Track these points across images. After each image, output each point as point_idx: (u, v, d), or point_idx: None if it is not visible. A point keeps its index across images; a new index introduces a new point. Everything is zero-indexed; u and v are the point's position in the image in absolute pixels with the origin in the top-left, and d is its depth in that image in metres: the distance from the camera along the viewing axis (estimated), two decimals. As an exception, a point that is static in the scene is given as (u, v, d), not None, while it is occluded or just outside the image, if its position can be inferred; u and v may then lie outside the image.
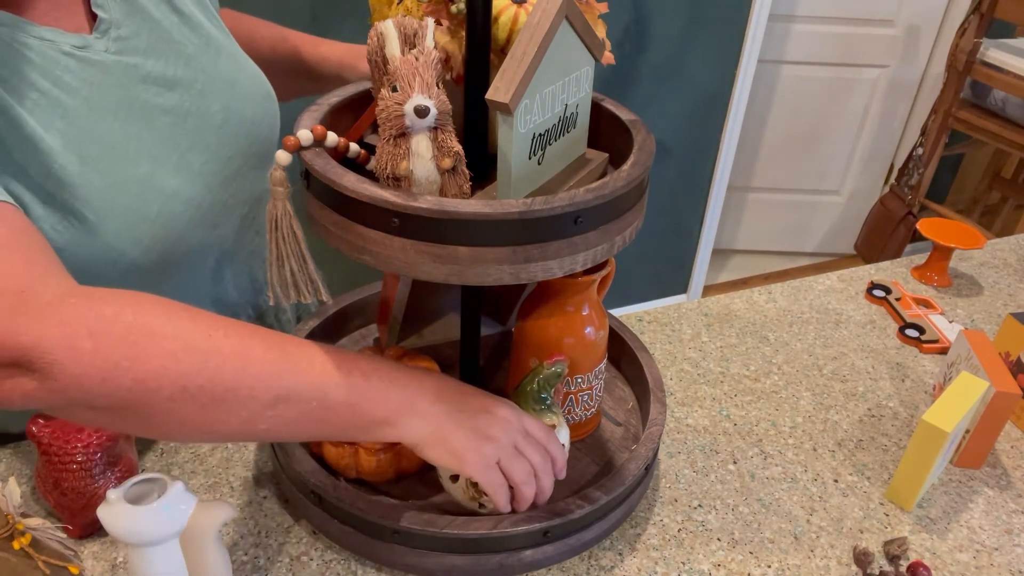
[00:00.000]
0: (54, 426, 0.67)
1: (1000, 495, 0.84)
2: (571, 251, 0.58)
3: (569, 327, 0.74)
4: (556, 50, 0.58)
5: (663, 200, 2.48)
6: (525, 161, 0.60)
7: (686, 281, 2.74)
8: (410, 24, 0.58)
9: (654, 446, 0.75)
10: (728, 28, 2.27)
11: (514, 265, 0.57)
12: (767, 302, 1.14)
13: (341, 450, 0.72)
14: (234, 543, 0.72)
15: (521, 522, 0.66)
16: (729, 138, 2.45)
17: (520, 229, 0.56)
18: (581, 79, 0.64)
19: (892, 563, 0.75)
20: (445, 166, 0.58)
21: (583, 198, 0.56)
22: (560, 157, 0.66)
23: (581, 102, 0.65)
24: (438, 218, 0.55)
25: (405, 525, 0.66)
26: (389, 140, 0.57)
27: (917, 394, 0.98)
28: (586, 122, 0.68)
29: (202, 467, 0.80)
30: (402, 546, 0.67)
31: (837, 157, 2.88)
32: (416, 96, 0.55)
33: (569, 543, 0.70)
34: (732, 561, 0.74)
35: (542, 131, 0.61)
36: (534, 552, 0.68)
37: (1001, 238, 1.35)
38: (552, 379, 0.69)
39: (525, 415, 0.67)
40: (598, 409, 0.82)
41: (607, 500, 0.69)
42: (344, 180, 0.57)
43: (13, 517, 0.60)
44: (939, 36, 2.67)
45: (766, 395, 0.96)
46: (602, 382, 0.80)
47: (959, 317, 1.13)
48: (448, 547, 0.67)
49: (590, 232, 0.59)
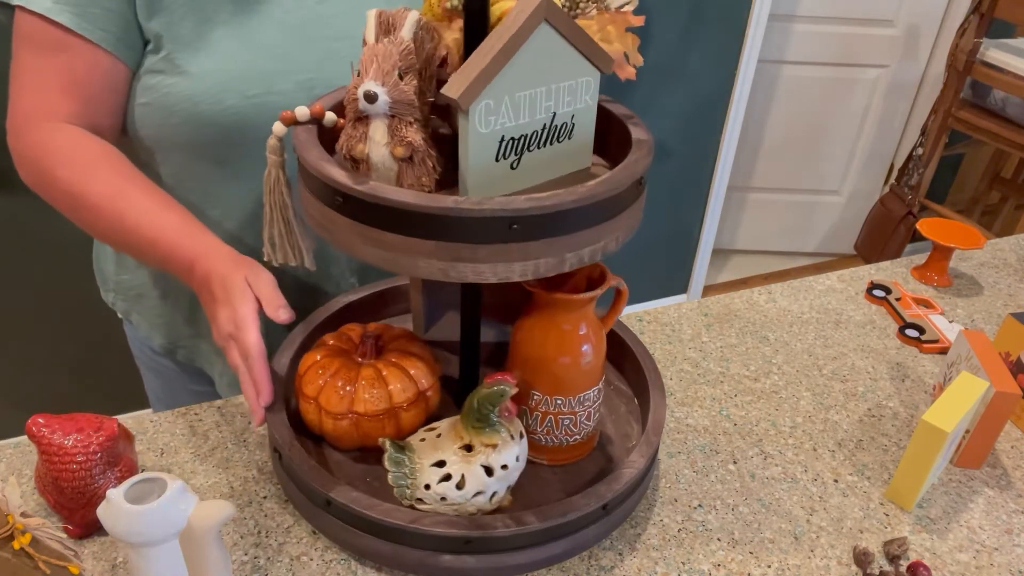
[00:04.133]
0: (54, 426, 0.67)
1: (1000, 495, 0.84)
2: (505, 258, 0.57)
3: (560, 346, 0.72)
4: (534, 54, 0.57)
5: (663, 200, 2.48)
6: (490, 163, 0.59)
7: (686, 281, 2.74)
8: (393, 14, 0.60)
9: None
10: (728, 28, 2.27)
11: (443, 261, 0.57)
12: (767, 302, 1.14)
13: (308, 405, 0.73)
14: (234, 543, 0.72)
15: (440, 524, 0.66)
16: (729, 138, 2.45)
17: (448, 226, 0.56)
18: (578, 89, 0.62)
19: (892, 563, 0.75)
20: (398, 154, 0.58)
21: (518, 204, 0.55)
22: (549, 167, 0.64)
23: (579, 113, 0.63)
24: (371, 202, 0.57)
25: (335, 497, 0.67)
26: (350, 122, 0.59)
27: (917, 394, 0.98)
28: (588, 135, 0.66)
29: (202, 467, 0.80)
30: (336, 519, 0.69)
31: (837, 157, 2.88)
32: (368, 82, 0.56)
33: (494, 560, 0.68)
34: (732, 561, 0.74)
35: (516, 135, 0.59)
36: (453, 559, 0.67)
37: (1001, 238, 1.35)
38: (492, 398, 0.67)
39: (247, 327, 0.68)
40: (591, 434, 0.78)
41: (537, 527, 0.66)
42: (308, 155, 0.60)
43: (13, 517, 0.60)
44: (939, 36, 2.67)
45: (766, 395, 0.96)
46: (596, 408, 0.77)
47: (959, 317, 1.13)
48: (370, 529, 0.67)
49: (530, 242, 0.57)
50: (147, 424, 0.85)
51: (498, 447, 0.68)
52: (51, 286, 1.80)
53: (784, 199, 2.96)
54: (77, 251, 1.77)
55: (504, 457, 0.68)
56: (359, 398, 0.71)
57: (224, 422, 0.85)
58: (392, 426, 0.72)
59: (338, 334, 0.78)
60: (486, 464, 0.67)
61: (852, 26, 2.61)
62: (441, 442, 0.70)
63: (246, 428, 0.85)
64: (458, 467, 0.68)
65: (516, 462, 0.69)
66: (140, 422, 0.85)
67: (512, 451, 0.68)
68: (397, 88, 0.57)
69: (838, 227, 3.04)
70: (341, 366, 0.73)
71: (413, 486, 0.69)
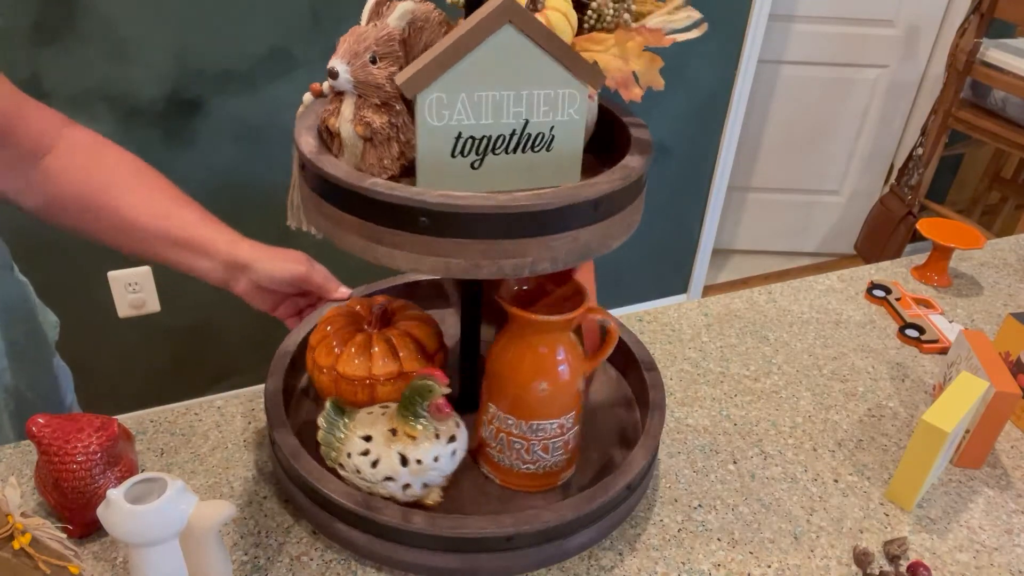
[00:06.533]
0: (54, 426, 0.67)
1: (1000, 495, 0.84)
2: (416, 250, 0.57)
3: (515, 364, 0.69)
4: (497, 55, 0.56)
5: (663, 200, 2.48)
6: (444, 157, 0.59)
7: (686, 281, 2.74)
8: (393, 4, 0.62)
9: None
10: (728, 28, 2.27)
11: (364, 240, 0.59)
12: (767, 302, 1.14)
13: (322, 375, 0.76)
14: (234, 543, 0.72)
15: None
16: (729, 138, 2.45)
17: (368, 206, 0.57)
18: (557, 100, 0.59)
19: (892, 563, 0.75)
20: (359, 132, 0.60)
21: (429, 198, 0.55)
22: (525, 175, 0.62)
23: (560, 126, 0.60)
24: (315, 172, 0.60)
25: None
26: (332, 96, 0.62)
27: (917, 394, 0.98)
28: (573, 149, 0.62)
29: (202, 467, 0.80)
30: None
31: (837, 157, 2.88)
32: (334, 59, 0.59)
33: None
34: (732, 561, 0.74)
35: (477, 135, 0.59)
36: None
37: (1001, 238, 1.35)
38: (419, 390, 0.67)
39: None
40: (552, 470, 0.74)
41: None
42: (298, 123, 0.65)
43: (13, 517, 0.60)
44: (939, 36, 2.67)
45: (766, 395, 0.96)
46: (558, 445, 0.73)
47: (959, 317, 1.13)
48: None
49: (440, 239, 0.56)
50: (147, 424, 0.85)
51: (416, 440, 0.68)
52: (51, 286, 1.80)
53: (784, 199, 2.96)
54: (77, 251, 1.77)
55: (420, 452, 0.67)
56: (375, 363, 0.74)
57: (224, 422, 0.85)
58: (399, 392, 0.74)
59: (344, 309, 0.80)
60: (402, 453, 0.68)
61: (852, 26, 2.61)
62: (377, 420, 0.71)
63: (246, 428, 0.85)
64: (379, 448, 0.69)
65: (434, 462, 0.68)
66: (140, 422, 0.85)
67: (430, 449, 0.68)
68: (364, 69, 0.59)
69: (838, 227, 3.04)
70: (354, 333, 0.76)
71: (339, 451, 0.71)
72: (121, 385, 1.98)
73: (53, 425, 0.67)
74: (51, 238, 1.75)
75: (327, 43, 1.76)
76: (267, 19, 1.69)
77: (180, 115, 1.73)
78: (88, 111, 1.64)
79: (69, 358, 1.03)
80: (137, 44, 1.62)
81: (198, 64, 1.69)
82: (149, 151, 1.74)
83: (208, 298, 1.93)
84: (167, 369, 2.02)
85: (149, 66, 1.65)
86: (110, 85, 1.64)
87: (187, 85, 1.70)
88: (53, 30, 1.55)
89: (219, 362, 2.08)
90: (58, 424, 0.67)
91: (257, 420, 0.86)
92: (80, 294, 1.83)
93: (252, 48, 1.71)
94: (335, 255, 0.97)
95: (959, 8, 2.60)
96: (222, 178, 1.83)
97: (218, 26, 1.66)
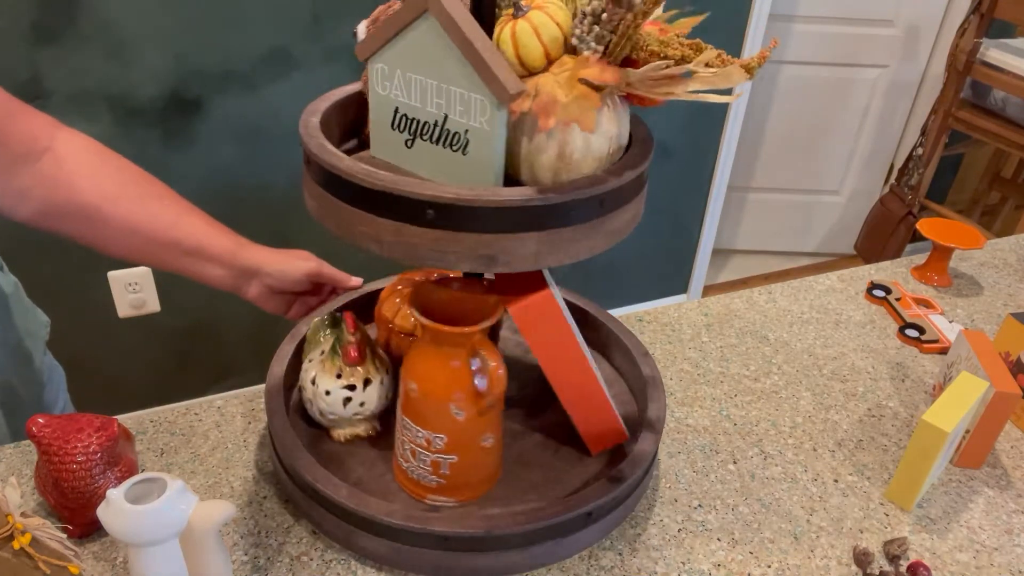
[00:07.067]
0: (54, 426, 0.67)
1: (1000, 495, 0.84)
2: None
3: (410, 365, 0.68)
4: (420, 41, 0.57)
5: (663, 200, 2.48)
6: (387, 127, 0.64)
7: (686, 281, 2.74)
8: None
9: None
10: (728, 28, 2.27)
11: (318, 203, 0.63)
12: (767, 302, 1.14)
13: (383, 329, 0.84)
14: (234, 543, 0.72)
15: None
16: (729, 138, 2.45)
17: (318, 171, 0.61)
18: (472, 106, 0.57)
19: (892, 563, 0.75)
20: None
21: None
22: (448, 169, 0.61)
23: (473, 132, 0.58)
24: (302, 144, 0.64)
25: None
26: None
27: (917, 394, 0.98)
28: (487, 158, 0.59)
29: (202, 467, 0.80)
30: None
31: (837, 157, 2.88)
32: (363, 23, 0.67)
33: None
34: (732, 561, 0.74)
35: (410, 115, 0.61)
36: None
37: (1001, 238, 1.35)
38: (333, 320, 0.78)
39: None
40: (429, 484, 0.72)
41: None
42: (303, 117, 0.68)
43: (13, 517, 0.60)
44: (939, 36, 2.67)
45: (766, 395, 0.96)
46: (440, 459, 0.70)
47: (959, 317, 1.13)
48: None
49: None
50: (147, 424, 0.85)
51: (325, 368, 0.75)
52: (50, 286, 1.80)
53: (784, 199, 2.96)
54: (77, 251, 1.77)
55: (322, 380, 0.75)
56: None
57: (224, 422, 0.85)
58: None
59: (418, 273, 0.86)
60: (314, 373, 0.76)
61: (852, 26, 2.61)
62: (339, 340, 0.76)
63: (246, 428, 0.85)
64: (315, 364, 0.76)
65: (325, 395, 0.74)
66: (140, 422, 0.85)
67: (327, 382, 0.74)
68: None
69: (838, 227, 3.04)
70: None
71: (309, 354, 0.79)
72: (121, 385, 1.98)
73: (53, 425, 0.67)
74: (50, 239, 1.74)
75: (327, 43, 1.76)
76: (267, 19, 1.69)
77: (180, 115, 1.73)
78: (88, 111, 1.64)
79: (69, 358, 1.03)
80: (137, 44, 1.62)
81: (198, 64, 1.69)
82: (149, 151, 1.74)
83: (208, 298, 1.93)
84: (167, 369, 2.02)
85: (149, 66, 1.65)
86: (110, 85, 1.64)
87: (187, 85, 1.70)
88: (53, 30, 1.55)
89: (219, 362, 2.08)
90: (58, 424, 0.67)
91: (257, 420, 0.86)
92: (80, 294, 1.83)
93: (252, 48, 1.71)
94: (336, 255, 0.97)
95: (959, 8, 2.60)
96: (222, 178, 1.83)
97: (218, 26, 1.66)
